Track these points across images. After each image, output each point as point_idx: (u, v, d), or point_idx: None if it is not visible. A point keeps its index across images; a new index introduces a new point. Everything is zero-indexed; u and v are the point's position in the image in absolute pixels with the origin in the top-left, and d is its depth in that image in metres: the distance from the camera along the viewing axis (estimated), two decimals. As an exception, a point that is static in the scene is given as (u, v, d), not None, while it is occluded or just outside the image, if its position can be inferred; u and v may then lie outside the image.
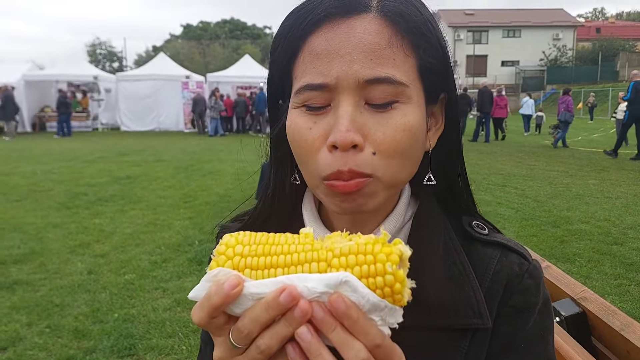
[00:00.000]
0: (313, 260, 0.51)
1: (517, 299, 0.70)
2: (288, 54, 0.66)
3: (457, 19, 53.81)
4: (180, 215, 6.92)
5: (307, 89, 0.63)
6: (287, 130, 0.68)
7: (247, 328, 0.51)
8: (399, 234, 0.73)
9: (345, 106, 0.61)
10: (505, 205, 7.40)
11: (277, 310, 0.49)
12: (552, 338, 0.73)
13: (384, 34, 0.62)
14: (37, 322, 3.71)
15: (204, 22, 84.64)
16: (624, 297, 4.21)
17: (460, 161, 0.79)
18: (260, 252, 0.52)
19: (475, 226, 0.76)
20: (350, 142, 0.60)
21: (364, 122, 0.62)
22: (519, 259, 0.73)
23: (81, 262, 5.02)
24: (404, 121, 0.63)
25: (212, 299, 0.50)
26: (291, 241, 0.53)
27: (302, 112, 0.65)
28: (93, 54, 78.43)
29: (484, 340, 0.68)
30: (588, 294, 1.36)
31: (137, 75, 23.44)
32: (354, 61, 0.61)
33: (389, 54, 0.62)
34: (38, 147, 16.00)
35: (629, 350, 1.18)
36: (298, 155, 0.68)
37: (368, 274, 0.49)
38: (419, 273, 0.67)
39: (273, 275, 0.51)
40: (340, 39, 0.62)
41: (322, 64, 0.62)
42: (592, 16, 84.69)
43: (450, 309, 0.68)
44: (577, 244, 5.57)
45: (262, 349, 0.51)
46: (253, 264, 0.52)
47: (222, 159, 12.79)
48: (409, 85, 0.63)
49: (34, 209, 7.29)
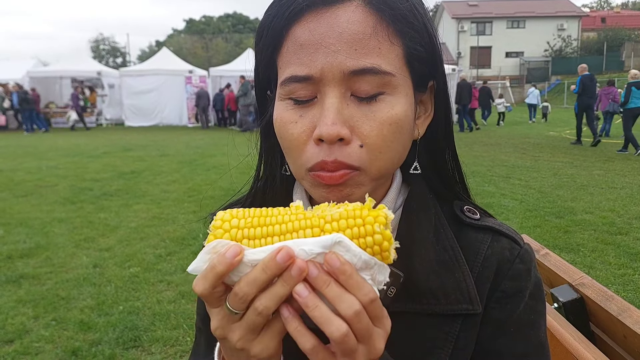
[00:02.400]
0: (307, 227, 0.53)
1: (507, 284, 0.70)
2: (272, 44, 0.65)
3: (460, 10, 53.44)
4: (184, 209, 6.95)
5: (291, 80, 0.62)
6: (274, 123, 0.67)
7: (243, 291, 0.51)
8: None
9: (330, 98, 0.61)
10: (509, 197, 7.38)
11: (274, 270, 0.50)
12: (543, 322, 0.73)
13: (368, 23, 0.61)
14: (43, 315, 3.75)
15: (206, 17, 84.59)
16: (628, 286, 4.21)
17: (451, 148, 0.78)
18: (256, 223, 0.54)
19: (467, 211, 0.76)
20: (336, 135, 0.60)
21: (350, 115, 0.61)
22: (510, 244, 0.72)
23: (86, 255, 5.05)
24: (391, 114, 0.62)
25: (217, 267, 0.51)
26: (284, 212, 0.55)
27: (288, 105, 0.64)
28: (96, 49, 78.55)
29: (474, 325, 0.68)
30: (586, 279, 1.37)
31: (140, 71, 23.45)
32: (339, 52, 0.60)
33: (374, 43, 0.61)
34: (43, 143, 16.06)
35: (626, 334, 1.18)
36: (284, 148, 0.67)
37: (359, 234, 0.52)
38: (410, 259, 0.68)
39: (270, 243, 0.53)
40: (324, 29, 0.60)
41: (306, 54, 0.61)
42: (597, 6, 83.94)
43: (440, 294, 0.68)
44: (581, 234, 5.56)
45: (260, 310, 0.51)
46: (250, 234, 0.53)
47: (226, 153, 12.80)
48: (395, 74, 0.62)
49: (39, 204, 7.34)
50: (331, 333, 0.49)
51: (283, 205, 0.77)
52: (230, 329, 0.54)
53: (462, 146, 13.64)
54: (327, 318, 0.50)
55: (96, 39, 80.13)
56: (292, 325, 0.52)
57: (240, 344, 0.54)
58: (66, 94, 25.18)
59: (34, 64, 24.25)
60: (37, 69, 23.64)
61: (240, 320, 0.54)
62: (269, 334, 0.54)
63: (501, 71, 47.78)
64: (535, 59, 48.82)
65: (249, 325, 0.53)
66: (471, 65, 50.32)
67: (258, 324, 0.53)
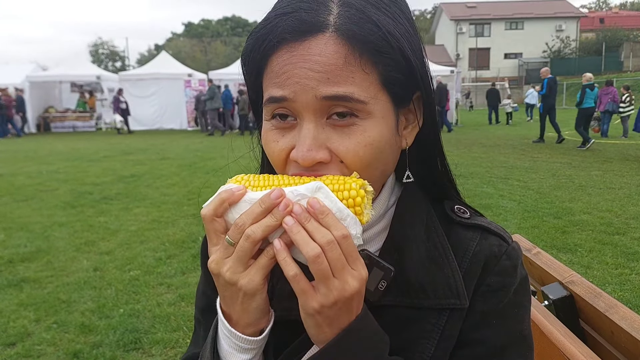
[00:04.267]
0: (300, 183, 0.64)
1: (493, 279, 0.73)
2: (254, 71, 0.70)
3: (459, 12, 53.54)
4: (184, 212, 6.98)
5: (270, 101, 0.67)
6: (262, 142, 0.73)
7: (242, 220, 0.62)
8: (382, 219, 0.76)
9: (307, 124, 0.65)
10: (507, 198, 7.41)
11: (267, 204, 0.61)
12: (527, 316, 0.76)
13: (340, 54, 0.63)
14: (45, 318, 3.78)
15: (205, 20, 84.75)
16: (625, 286, 4.24)
17: (440, 153, 0.81)
18: (262, 180, 0.67)
19: (457, 210, 0.79)
20: (311, 161, 0.65)
21: (326, 138, 0.65)
22: (498, 241, 0.75)
23: (87, 259, 5.08)
24: (364, 137, 0.65)
25: (222, 195, 0.64)
26: (287, 178, 0.67)
27: (272, 124, 0.70)
28: (95, 54, 78.68)
29: (460, 318, 0.71)
30: (575, 277, 1.40)
31: (139, 75, 23.53)
32: (311, 79, 0.63)
33: (346, 73, 0.63)
34: (43, 147, 16.10)
35: (613, 330, 1.21)
36: (270, 161, 0.73)
37: (338, 189, 0.63)
38: (401, 254, 0.72)
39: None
40: (297, 60, 0.64)
41: (282, 80, 0.65)
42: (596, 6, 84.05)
43: (429, 289, 0.71)
44: (578, 234, 5.59)
45: (248, 234, 0.61)
46: (255, 184, 0.67)
47: (225, 156, 12.82)
48: (367, 102, 0.64)
49: (40, 208, 7.37)
50: (307, 252, 0.58)
51: None
52: (223, 262, 0.63)
53: (461, 147, 13.69)
54: (305, 241, 0.59)
55: (95, 43, 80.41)
56: (281, 256, 0.61)
57: (229, 275, 0.63)
58: (65, 98, 25.29)
59: (33, 69, 24.30)
60: (37, 73, 23.71)
61: (232, 254, 0.62)
62: (255, 268, 0.62)
63: (500, 72, 47.85)
64: (533, 60, 48.89)
65: (239, 255, 0.62)
66: (470, 67, 50.37)
67: (246, 251, 0.61)
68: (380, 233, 0.76)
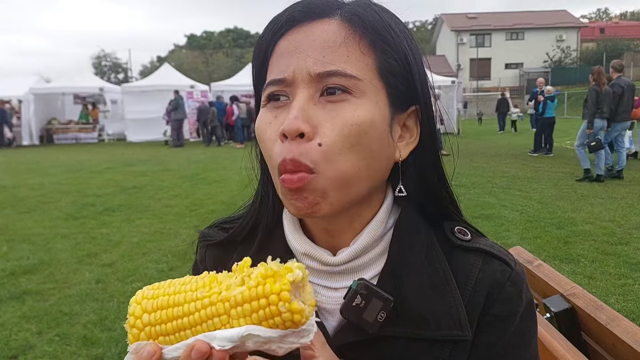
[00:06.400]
0: (214, 316, 0.54)
1: (498, 308, 0.70)
2: (260, 58, 0.71)
3: (460, 22, 53.84)
4: (186, 223, 6.99)
5: (269, 84, 0.67)
6: (255, 131, 0.71)
7: None
8: (379, 243, 0.73)
9: (298, 98, 0.64)
10: (509, 208, 7.40)
11: None
12: (535, 340, 0.74)
13: (340, 33, 0.65)
14: (47, 330, 3.78)
15: (207, 32, 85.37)
16: (628, 296, 4.22)
17: (439, 173, 0.77)
18: (165, 317, 0.57)
19: (457, 232, 0.75)
20: (296, 129, 0.61)
21: (314, 114, 0.63)
22: (502, 266, 0.72)
23: (89, 271, 5.08)
24: (353, 115, 0.63)
25: None
26: (190, 297, 0.56)
27: (267, 109, 0.69)
28: (98, 65, 79.06)
29: (464, 351, 0.69)
30: (577, 290, 1.40)
31: (142, 86, 23.64)
32: (309, 57, 0.64)
33: (343, 51, 0.64)
34: (46, 159, 16.16)
35: (615, 343, 1.21)
36: (263, 153, 0.70)
37: (265, 316, 0.53)
38: (401, 282, 0.69)
39: (184, 337, 0.56)
40: (300, 38, 0.66)
41: (283, 61, 0.66)
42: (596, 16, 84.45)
43: (431, 319, 0.68)
44: (581, 244, 5.58)
45: None
46: (163, 330, 0.57)
47: (227, 167, 12.87)
48: (361, 79, 0.64)
49: (42, 220, 7.39)
50: None
51: (275, 224, 0.79)
52: None
53: (462, 157, 13.68)
54: None
55: (98, 55, 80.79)
56: None
57: None
58: (68, 110, 25.40)
59: (36, 81, 24.42)
60: (40, 85, 23.81)
61: None
62: None
63: (501, 82, 47.98)
64: (534, 69, 49.05)
65: None
66: (471, 77, 50.56)
67: None
68: (378, 258, 0.73)
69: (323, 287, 0.74)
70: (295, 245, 0.75)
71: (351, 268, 0.72)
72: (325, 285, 0.74)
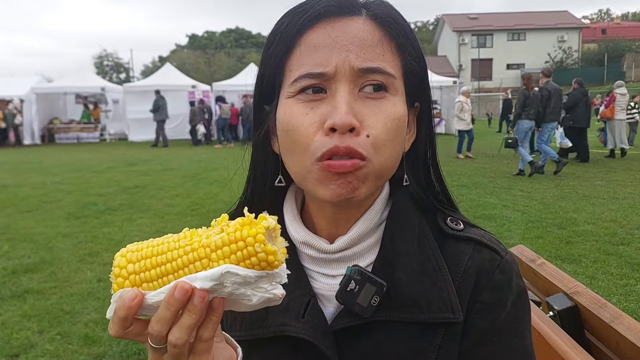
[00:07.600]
0: (195, 260, 0.57)
1: (487, 295, 0.71)
2: (284, 48, 0.70)
3: (461, 23, 53.84)
4: (187, 223, 6.98)
5: (305, 77, 0.67)
6: (279, 121, 0.71)
7: (155, 330, 0.56)
8: (375, 232, 0.76)
9: (342, 92, 0.65)
10: (511, 208, 7.40)
11: (176, 305, 0.54)
12: (528, 330, 0.74)
13: (375, 34, 0.68)
14: (48, 329, 3.78)
15: (209, 32, 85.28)
16: (630, 296, 4.21)
17: (434, 166, 0.81)
18: (149, 265, 0.58)
19: (450, 222, 0.77)
20: (349, 124, 0.64)
21: (358, 109, 0.66)
22: (491, 254, 0.74)
23: (90, 270, 5.09)
24: (394, 110, 0.68)
25: (118, 312, 0.57)
26: (173, 247, 0.58)
27: (297, 100, 0.68)
28: (100, 65, 79.09)
29: (456, 335, 0.70)
30: (580, 288, 1.40)
31: (143, 86, 23.63)
32: (350, 52, 0.66)
33: (379, 51, 0.68)
34: (47, 158, 16.18)
35: (618, 341, 1.21)
36: (290, 144, 0.69)
37: (243, 257, 0.56)
38: (393, 268, 0.71)
39: (167, 282, 0.57)
40: (338, 32, 0.67)
41: (321, 54, 0.67)
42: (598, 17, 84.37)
43: (423, 303, 0.70)
44: (583, 245, 5.57)
45: (174, 342, 0.55)
46: (147, 277, 0.58)
47: (228, 166, 12.85)
48: (396, 77, 0.69)
49: (44, 219, 7.39)
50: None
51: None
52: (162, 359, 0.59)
53: (463, 157, 13.69)
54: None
55: (100, 55, 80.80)
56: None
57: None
58: (70, 109, 25.41)
59: (38, 80, 24.45)
60: (42, 85, 23.84)
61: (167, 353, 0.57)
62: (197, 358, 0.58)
63: (502, 83, 47.96)
64: (536, 70, 48.89)
65: (173, 356, 0.57)
66: (472, 77, 50.57)
67: (180, 354, 0.57)
68: (373, 247, 0.76)
69: (321, 275, 0.76)
70: (294, 234, 0.78)
71: (347, 256, 0.75)
72: (323, 272, 0.76)
